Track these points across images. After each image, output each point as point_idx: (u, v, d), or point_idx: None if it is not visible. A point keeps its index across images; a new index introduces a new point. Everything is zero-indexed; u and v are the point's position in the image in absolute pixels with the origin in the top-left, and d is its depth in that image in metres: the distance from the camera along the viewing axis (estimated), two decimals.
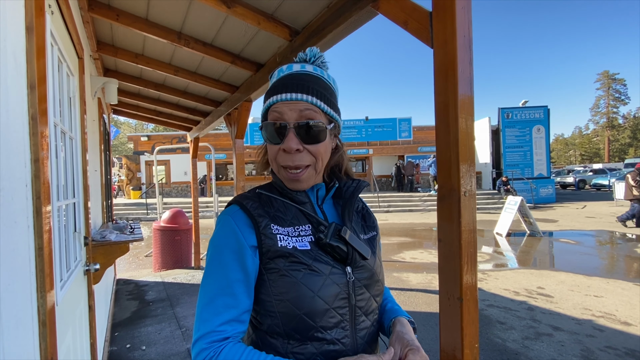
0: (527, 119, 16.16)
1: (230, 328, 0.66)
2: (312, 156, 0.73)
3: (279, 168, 0.74)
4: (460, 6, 1.08)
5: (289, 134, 0.71)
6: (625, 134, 47.91)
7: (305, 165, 0.72)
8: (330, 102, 0.75)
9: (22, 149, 0.86)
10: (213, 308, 0.66)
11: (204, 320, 0.66)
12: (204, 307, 0.67)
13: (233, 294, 0.67)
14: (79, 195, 1.94)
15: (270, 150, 0.75)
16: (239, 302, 0.68)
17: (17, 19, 0.88)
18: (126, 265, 6.49)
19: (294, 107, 0.71)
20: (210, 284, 0.69)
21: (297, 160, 0.71)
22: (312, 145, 0.72)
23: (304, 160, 0.72)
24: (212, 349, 0.64)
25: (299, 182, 0.74)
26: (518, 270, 5.53)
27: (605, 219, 10.68)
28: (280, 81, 0.74)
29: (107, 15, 2.27)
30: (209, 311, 0.66)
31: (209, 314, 0.66)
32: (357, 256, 0.73)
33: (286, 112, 0.71)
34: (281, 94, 0.72)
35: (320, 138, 0.72)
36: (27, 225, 0.87)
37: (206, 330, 0.65)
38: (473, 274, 1.11)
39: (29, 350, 0.85)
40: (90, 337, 2.01)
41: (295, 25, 2.19)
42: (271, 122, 0.73)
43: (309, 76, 0.74)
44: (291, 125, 0.71)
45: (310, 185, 0.77)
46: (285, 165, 0.73)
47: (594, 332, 3.30)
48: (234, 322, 0.67)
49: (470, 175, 1.11)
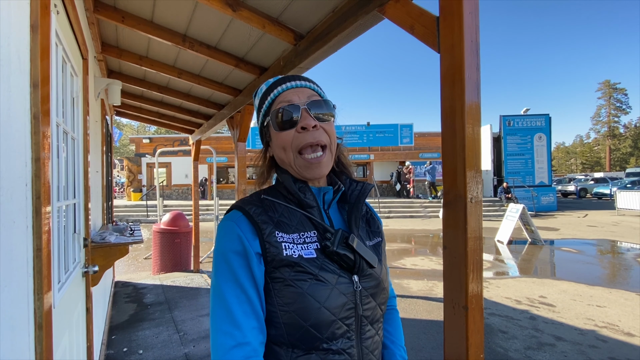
0: (528, 126, 16.18)
1: (254, 339, 0.63)
2: (327, 136, 0.74)
3: (295, 156, 0.73)
4: (468, 11, 1.07)
5: (303, 114, 0.72)
6: (627, 143, 47.90)
7: (323, 145, 0.73)
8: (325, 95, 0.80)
9: (23, 147, 0.85)
10: (232, 318, 0.63)
11: (225, 333, 0.62)
12: (223, 319, 0.63)
13: (250, 301, 0.65)
14: (79, 196, 1.93)
15: (283, 139, 0.73)
16: (257, 309, 0.65)
17: (22, 17, 0.87)
18: (125, 267, 6.45)
19: (301, 93, 0.75)
20: (224, 293, 0.65)
21: (317, 136, 0.72)
22: (325, 124, 0.74)
23: (323, 137, 0.73)
24: None
25: (320, 167, 0.72)
26: (520, 278, 5.48)
27: (606, 228, 10.62)
28: (278, 80, 0.78)
29: (112, 17, 2.27)
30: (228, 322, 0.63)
31: (229, 326, 0.63)
32: (365, 264, 0.70)
33: (295, 98, 0.74)
34: (286, 84, 0.75)
35: (329, 118, 0.75)
36: (25, 225, 0.85)
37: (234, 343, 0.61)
38: (479, 282, 1.09)
39: (24, 353, 0.83)
40: (87, 340, 1.98)
41: (300, 30, 2.19)
42: (282, 107, 0.73)
43: (300, 75, 0.80)
44: (304, 105, 0.72)
45: (325, 175, 0.77)
46: (306, 144, 0.72)
47: (597, 343, 3.26)
48: (255, 330, 0.64)
49: (476, 181, 1.09)
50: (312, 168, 0.72)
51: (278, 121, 0.73)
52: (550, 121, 16.25)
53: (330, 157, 0.74)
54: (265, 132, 0.79)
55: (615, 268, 6.21)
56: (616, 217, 13.21)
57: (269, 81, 0.79)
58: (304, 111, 0.72)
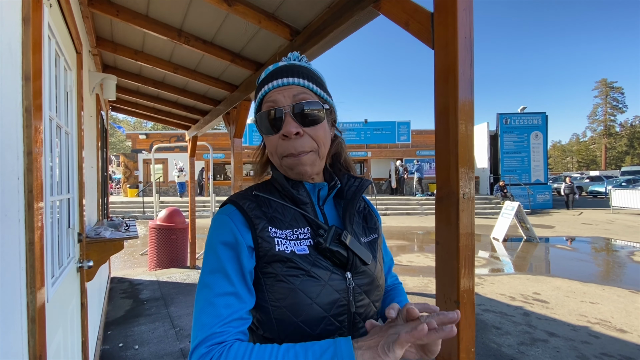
0: (525, 125, 16.24)
1: (233, 329, 0.61)
2: (313, 141, 0.70)
3: (281, 160, 0.71)
4: (462, 7, 1.08)
5: (286, 119, 0.68)
6: (622, 142, 48.23)
7: (307, 151, 0.70)
8: (321, 86, 0.74)
9: (15, 141, 0.85)
10: (213, 309, 0.61)
11: (203, 325, 0.60)
12: (203, 310, 0.61)
13: (235, 293, 0.63)
14: (73, 191, 1.92)
15: (269, 143, 0.72)
16: (242, 300, 0.64)
17: (13, 9, 0.87)
18: (121, 263, 6.44)
19: (287, 93, 0.70)
20: (210, 284, 0.63)
21: (299, 147, 0.68)
22: (311, 128, 0.70)
23: (306, 145, 0.69)
24: (214, 351, 0.57)
25: (303, 166, 0.70)
26: (514, 275, 5.53)
27: (601, 225, 10.72)
28: (269, 74, 0.74)
29: (107, 11, 2.25)
30: (209, 313, 0.61)
31: (208, 317, 0.60)
32: (358, 261, 0.70)
33: (280, 99, 0.70)
34: (272, 82, 0.71)
35: (318, 119, 0.70)
36: (17, 218, 0.85)
37: (206, 334, 0.59)
38: (470, 278, 1.10)
39: (16, 346, 0.83)
40: (82, 335, 1.98)
41: (296, 25, 2.19)
42: (265, 111, 0.71)
43: (297, 65, 0.74)
44: (287, 110, 0.69)
45: (315, 172, 0.74)
46: (287, 154, 0.69)
47: (589, 339, 3.30)
48: (237, 321, 0.62)
49: (469, 177, 1.10)
50: (296, 167, 0.70)
51: (262, 127, 0.72)
52: (547, 119, 16.32)
53: (316, 157, 0.72)
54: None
55: (609, 265, 6.28)
56: (611, 215, 13.32)
57: (269, 69, 0.76)
58: (287, 116, 0.68)
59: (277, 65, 0.76)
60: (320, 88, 0.74)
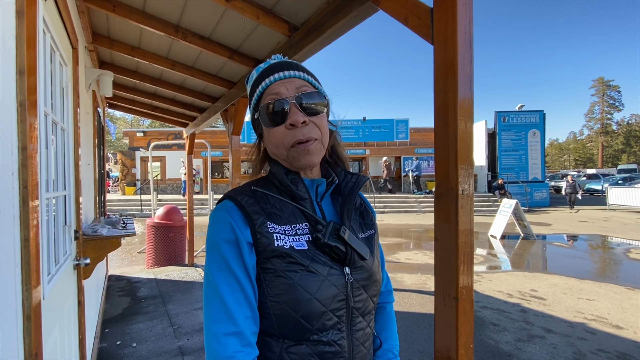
0: (523, 123, 16.27)
1: (247, 328, 0.63)
2: (318, 130, 0.72)
3: (288, 151, 0.71)
4: (462, 3, 1.07)
5: (292, 109, 0.70)
6: (619, 140, 48.47)
7: (314, 138, 0.71)
8: (317, 80, 0.77)
9: (9, 135, 0.83)
10: (225, 308, 0.63)
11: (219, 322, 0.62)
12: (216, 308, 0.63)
13: (243, 290, 0.64)
14: (70, 188, 1.90)
15: (274, 135, 0.72)
16: (250, 298, 0.65)
17: (7, 3, 0.85)
18: (119, 261, 6.42)
19: (289, 85, 0.72)
20: (217, 282, 0.65)
21: (306, 133, 0.70)
22: (315, 117, 0.71)
23: (313, 133, 0.71)
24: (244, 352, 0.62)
25: (310, 156, 0.70)
26: (512, 272, 5.55)
27: (598, 223, 10.77)
28: (267, 68, 0.75)
29: (103, 6, 2.23)
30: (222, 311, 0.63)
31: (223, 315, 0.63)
32: (356, 256, 0.70)
33: (283, 91, 0.71)
34: (273, 75, 0.72)
35: (321, 110, 0.73)
36: (12, 215, 0.84)
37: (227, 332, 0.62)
38: (469, 274, 1.10)
39: (12, 344, 0.82)
40: (79, 333, 1.97)
41: (294, 21, 2.17)
42: (270, 102, 0.71)
43: (292, 61, 0.77)
44: (292, 100, 0.70)
45: (316, 163, 0.75)
46: (296, 141, 0.70)
47: (586, 335, 3.32)
48: (249, 319, 0.64)
49: (468, 174, 1.09)
50: (304, 156, 0.70)
51: (267, 117, 0.72)
52: (545, 117, 16.35)
53: (320, 146, 0.73)
54: (257, 125, 0.78)
55: (605, 262, 6.31)
56: (607, 212, 13.40)
57: (260, 67, 0.77)
58: (293, 106, 0.69)
59: (269, 62, 0.76)
60: (317, 82, 0.77)
